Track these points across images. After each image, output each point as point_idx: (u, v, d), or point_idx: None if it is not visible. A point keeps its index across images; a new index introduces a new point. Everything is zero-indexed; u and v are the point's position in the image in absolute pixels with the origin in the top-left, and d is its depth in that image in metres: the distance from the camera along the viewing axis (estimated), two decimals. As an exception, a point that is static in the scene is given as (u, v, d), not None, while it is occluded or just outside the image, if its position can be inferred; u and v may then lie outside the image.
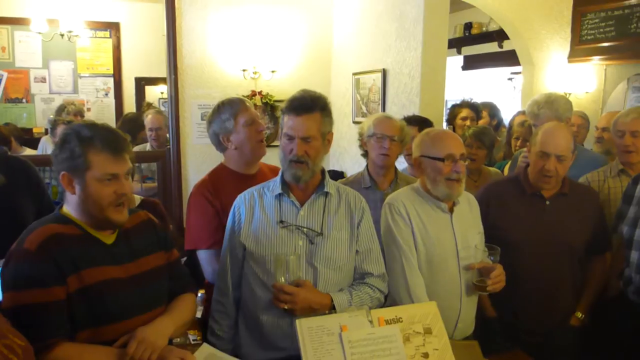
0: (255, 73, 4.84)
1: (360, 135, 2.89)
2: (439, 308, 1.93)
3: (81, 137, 1.66)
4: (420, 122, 3.14)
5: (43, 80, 6.86)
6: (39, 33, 6.40)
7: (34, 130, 6.62)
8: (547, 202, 2.46)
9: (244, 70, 4.80)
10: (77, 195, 1.69)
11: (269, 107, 4.86)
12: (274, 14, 4.90)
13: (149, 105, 6.64)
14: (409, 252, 2.16)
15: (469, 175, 3.17)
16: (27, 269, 1.57)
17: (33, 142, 5.83)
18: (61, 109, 5.38)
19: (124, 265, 1.75)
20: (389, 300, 2.16)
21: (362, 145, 2.89)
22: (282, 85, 4.92)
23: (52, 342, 1.55)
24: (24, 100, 6.82)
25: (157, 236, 1.91)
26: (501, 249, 2.18)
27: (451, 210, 2.27)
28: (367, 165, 2.85)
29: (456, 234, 2.24)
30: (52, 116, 6.62)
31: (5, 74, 6.70)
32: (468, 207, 2.34)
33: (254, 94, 4.82)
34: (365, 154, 2.86)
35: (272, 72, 4.87)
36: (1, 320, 1.38)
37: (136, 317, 1.71)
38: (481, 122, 4.34)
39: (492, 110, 4.86)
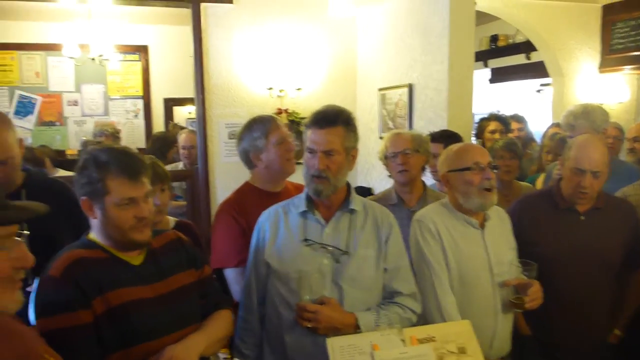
0: (281, 91, 4.87)
1: (381, 159, 2.87)
2: (473, 327, 1.88)
3: (98, 163, 1.66)
4: (446, 138, 3.10)
5: (75, 103, 7.04)
6: (71, 58, 6.58)
7: (67, 152, 6.79)
8: (582, 217, 2.38)
9: (269, 89, 4.84)
10: (99, 220, 1.69)
11: (295, 124, 4.88)
12: (298, 32, 4.94)
13: (175, 125, 6.76)
14: (439, 270, 2.12)
15: (500, 189, 3.10)
16: (53, 294, 1.58)
17: (66, 164, 5.97)
18: (98, 133, 5.50)
19: (152, 285, 1.74)
20: (419, 319, 2.10)
21: (386, 168, 2.87)
22: (308, 102, 4.94)
23: None
24: (57, 123, 7.00)
25: (187, 254, 1.90)
26: (535, 265, 2.12)
27: (482, 226, 2.22)
28: (393, 183, 2.83)
29: (489, 250, 2.18)
30: (84, 138, 6.79)
31: (39, 98, 6.90)
32: (499, 222, 2.29)
33: (280, 111, 4.84)
34: (391, 174, 2.85)
35: (298, 89, 4.89)
36: (38, 340, 1.39)
37: (166, 337, 1.70)
38: (512, 135, 4.28)
39: (522, 122, 4.79)
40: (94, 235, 1.75)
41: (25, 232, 1.22)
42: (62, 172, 5.26)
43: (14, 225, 1.18)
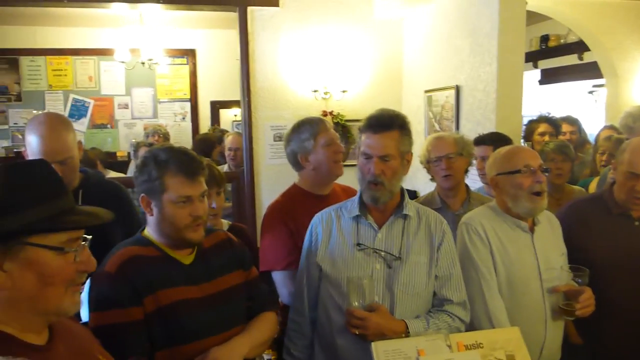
0: (326, 93, 4.88)
1: (422, 163, 2.82)
2: (522, 333, 1.82)
3: (158, 161, 1.71)
4: (495, 141, 3.02)
5: (126, 106, 7.25)
6: (122, 62, 6.78)
7: (118, 154, 6.99)
8: (637, 223, 2.29)
9: (315, 91, 4.86)
10: (155, 217, 1.73)
11: (340, 127, 4.87)
12: (344, 34, 4.94)
13: (215, 128, 6.86)
14: (487, 274, 2.07)
15: (551, 193, 3.01)
16: (107, 290, 1.63)
17: (116, 165, 6.15)
18: (150, 132, 5.63)
19: (201, 285, 1.76)
20: (467, 329, 2.06)
21: (428, 171, 2.83)
22: (353, 104, 4.93)
23: None
24: (108, 126, 7.22)
25: (235, 255, 1.92)
26: (585, 272, 2.05)
27: (532, 230, 2.16)
28: (436, 186, 2.79)
29: (538, 255, 2.12)
30: (134, 140, 6.99)
31: (92, 102, 7.14)
32: (549, 227, 2.22)
33: (325, 114, 4.85)
34: (433, 178, 2.81)
35: (343, 92, 4.89)
36: (93, 340, 1.42)
37: (213, 337, 1.72)
38: (563, 138, 4.14)
39: (575, 124, 4.62)
40: (149, 231, 1.79)
41: (89, 236, 1.25)
42: (112, 174, 5.43)
43: (81, 230, 1.22)
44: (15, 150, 6.72)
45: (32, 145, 2.14)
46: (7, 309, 1.12)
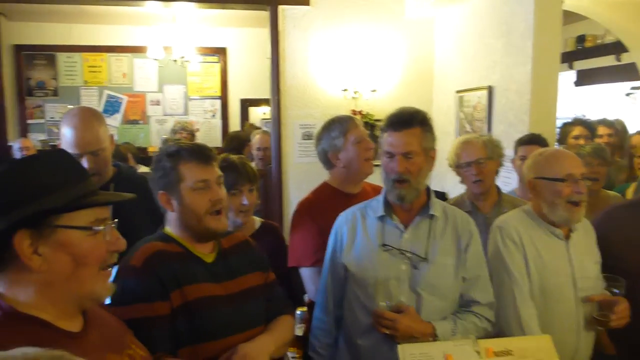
0: (355, 93, 4.86)
1: (450, 166, 2.78)
2: (554, 342, 1.77)
3: (169, 153, 1.74)
4: (538, 142, 2.98)
5: (158, 103, 7.36)
6: (155, 60, 6.89)
7: (149, 149, 7.10)
8: (678, 231, 2.21)
9: (344, 90, 4.84)
10: (176, 211, 1.74)
11: (369, 126, 4.84)
12: (374, 33, 4.91)
13: (250, 125, 6.90)
14: (520, 280, 2.02)
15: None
16: (133, 284, 1.62)
17: (147, 160, 6.24)
18: (178, 128, 5.70)
19: (223, 283, 1.76)
20: (495, 330, 2.01)
21: (457, 174, 2.78)
22: (383, 104, 4.89)
23: (156, 356, 1.57)
24: (140, 122, 7.34)
25: (255, 256, 1.92)
26: (622, 281, 1.98)
27: (567, 237, 2.10)
28: (467, 189, 2.75)
29: (573, 263, 2.06)
30: (165, 136, 7.08)
31: (125, 98, 7.27)
32: (584, 234, 2.16)
33: (354, 113, 4.82)
34: (463, 181, 2.76)
35: (373, 91, 4.86)
36: (126, 330, 1.44)
37: (234, 336, 1.71)
38: (600, 141, 4.04)
39: (612, 127, 4.48)
40: (169, 229, 1.80)
41: (115, 219, 1.28)
42: (143, 168, 5.51)
43: (107, 211, 1.25)
44: (50, 143, 6.88)
45: (66, 137, 2.19)
46: (44, 293, 1.15)
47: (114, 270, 2.00)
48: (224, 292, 1.75)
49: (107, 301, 1.84)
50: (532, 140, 3.09)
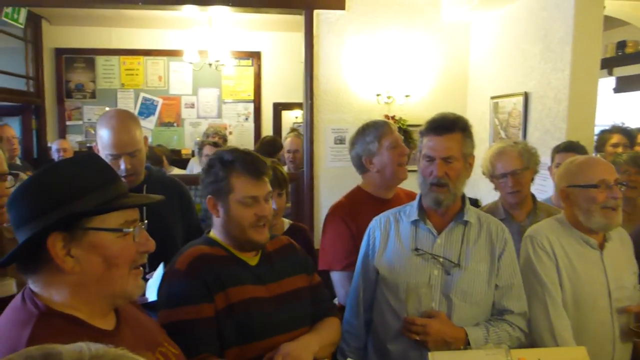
0: (389, 98, 4.83)
1: (484, 173, 2.73)
2: (588, 354, 1.73)
3: (224, 162, 1.75)
4: (579, 150, 2.92)
5: (192, 106, 7.46)
6: (190, 63, 6.99)
7: (182, 152, 7.20)
8: None
9: (377, 95, 4.82)
10: (221, 218, 1.76)
11: (402, 131, 4.82)
12: (409, 38, 4.88)
13: (293, 129, 6.93)
14: (553, 290, 1.99)
15: (623, 207, 2.85)
16: (178, 287, 1.66)
17: (181, 163, 6.34)
18: (211, 133, 5.77)
19: (268, 285, 1.77)
20: (527, 340, 1.98)
21: (491, 182, 2.73)
22: (416, 109, 4.86)
23: (202, 357, 1.60)
24: (175, 124, 7.45)
25: (299, 259, 1.93)
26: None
27: (601, 247, 2.05)
28: (500, 196, 2.70)
29: (608, 273, 2.02)
30: (198, 138, 7.18)
31: (160, 101, 7.39)
32: (620, 244, 2.11)
33: (387, 118, 4.80)
34: (497, 189, 2.72)
35: (406, 96, 4.82)
36: (159, 329, 1.47)
37: (280, 336, 1.72)
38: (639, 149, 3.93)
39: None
40: (214, 233, 1.82)
41: (145, 220, 1.31)
42: (176, 171, 5.60)
43: (136, 212, 1.28)
44: (88, 145, 7.05)
45: (103, 139, 2.23)
46: (78, 293, 1.18)
47: (159, 271, 2.03)
48: (269, 294, 1.76)
49: (153, 298, 1.87)
50: (570, 148, 3.03)
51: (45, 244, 1.13)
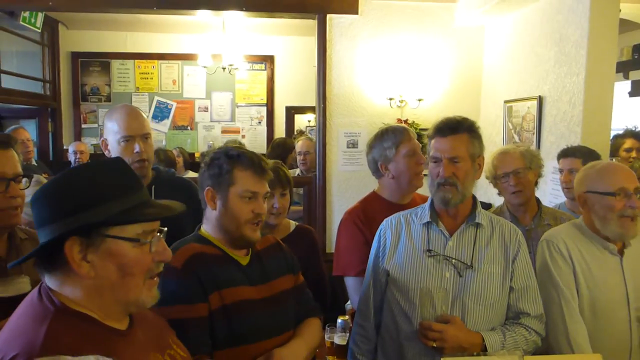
0: (401, 102, 4.83)
1: (488, 178, 2.72)
2: (605, 362, 1.72)
3: (229, 155, 1.77)
4: (584, 154, 2.89)
5: (205, 109, 7.51)
6: (204, 67, 7.04)
7: (196, 155, 7.24)
8: None
9: (390, 99, 4.81)
10: (217, 211, 1.77)
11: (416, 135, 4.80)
12: (422, 42, 4.87)
13: (301, 132, 6.95)
14: (569, 295, 1.96)
15: (641, 214, 2.82)
16: (174, 285, 1.64)
17: (196, 166, 6.37)
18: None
19: (257, 287, 1.79)
20: (542, 345, 1.96)
21: (494, 186, 2.73)
22: (429, 113, 4.84)
23: (195, 358, 1.59)
24: (188, 128, 7.50)
25: (286, 259, 1.95)
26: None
27: (621, 253, 2.02)
28: (504, 200, 2.70)
29: (627, 280, 1.99)
30: (211, 142, 7.22)
31: (174, 104, 7.44)
32: (640, 250, 2.08)
33: (400, 122, 4.80)
34: (500, 193, 2.72)
35: (419, 100, 4.82)
36: (169, 331, 1.47)
37: (268, 340, 1.73)
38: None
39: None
40: (206, 229, 1.82)
41: (164, 228, 1.30)
42: (191, 174, 5.63)
43: (156, 222, 1.27)
44: (102, 148, 7.11)
45: (115, 127, 2.26)
46: (92, 297, 1.19)
47: None
48: (259, 296, 1.77)
49: None
50: (568, 153, 3.00)
51: (63, 247, 1.14)
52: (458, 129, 1.92)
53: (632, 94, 7.30)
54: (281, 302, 1.83)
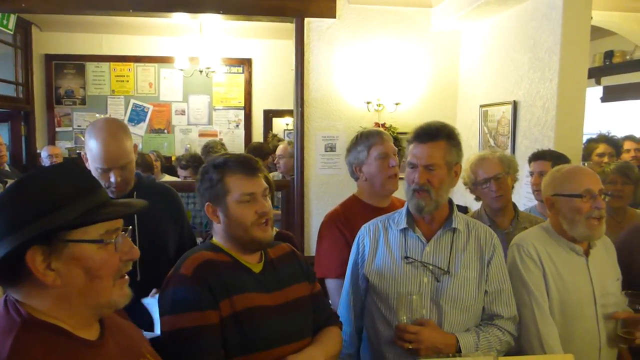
0: (379, 105, 4.85)
1: (466, 184, 2.75)
2: (575, 360, 1.75)
3: (216, 165, 1.75)
4: (554, 157, 2.94)
5: (182, 112, 7.46)
6: (181, 70, 6.99)
7: (173, 159, 7.18)
8: None
9: (368, 103, 4.84)
10: (222, 223, 1.74)
11: (393, 139, 4.83)
12: (399, 46, 4.91)
13: (274, 136, 6.94)
14: (540, 298, 2.00)
15: (612, 215, 2.88)
16: (184, 293, 1.61)
17: (172, 170, 6.32)
18: (207, 150, 5.69)
19: (272, 294, 1.74)
20: (515, 347, 1.99)
21: (472, 192, 2.76)
22: (406, 117, 4.88)
23: None
24: (165, 131, 7.44)
25: (301, 267, 1.90)
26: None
27: (587, 253, 2.07)
28: (482, 204, 2.72)
29: (593, 280, 2.04)
30: (188, 145, 7.16)
31: (151, 107, 7.38)
32: (604, 251, 2.13)
33: (377, 126, 4.82)
34: (478, 198, 2.74)
35: (397, 104, 4.85)
36: (142, 339, 1.44)
37: (284, 347, 1.69)
38: (627, 157, 3.97)
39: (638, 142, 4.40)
40: (217, 240, 1.79)
41: (129, 227, 1.27)
42: (167, 177, 5.57)
43: (119, 220, 1.24)
44: (77, 151, 7.01)
45: (93, 151, 2.18)
46: (61, 306, 1.15)
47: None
48: (273, 303, 1.73)
49: (154, 307, 1.82)
50: (538, 156, 3.05)
51: (24, 258, 1.10)
52: (437, 136, 1.92)
53: (604, 99, 7.47)
54: (297, 309, 1.78)
